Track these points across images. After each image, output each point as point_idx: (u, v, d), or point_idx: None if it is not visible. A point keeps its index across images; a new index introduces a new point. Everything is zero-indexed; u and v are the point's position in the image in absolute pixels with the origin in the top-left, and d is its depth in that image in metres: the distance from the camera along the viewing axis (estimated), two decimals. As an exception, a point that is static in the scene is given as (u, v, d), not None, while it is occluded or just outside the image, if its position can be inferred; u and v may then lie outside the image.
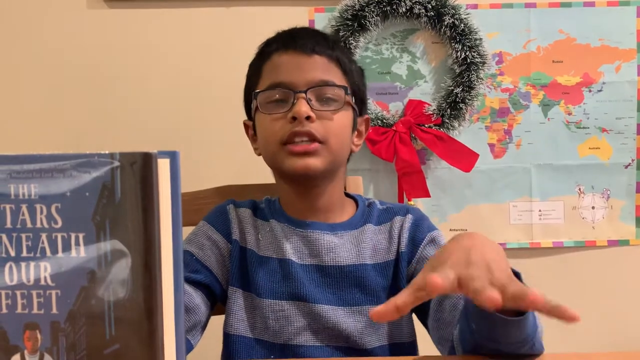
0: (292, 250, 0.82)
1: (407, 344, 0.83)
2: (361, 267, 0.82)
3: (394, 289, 0.82)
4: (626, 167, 1.54)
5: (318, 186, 0.83)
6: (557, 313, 0.51)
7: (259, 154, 0.86)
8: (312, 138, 0.78)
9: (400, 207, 0.88)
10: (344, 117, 0.82)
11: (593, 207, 1.54)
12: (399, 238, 0.84)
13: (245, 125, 0.90)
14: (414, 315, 0.85)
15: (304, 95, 0.78)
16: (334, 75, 0.82)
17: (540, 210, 1.53)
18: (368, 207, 0.88)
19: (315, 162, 0.79)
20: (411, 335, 0.84)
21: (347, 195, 0.91)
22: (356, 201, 0.89)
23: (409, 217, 0.85)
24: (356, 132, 0.88)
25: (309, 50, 0.81)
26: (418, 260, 0.82)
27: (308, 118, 0.78)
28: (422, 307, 0.80)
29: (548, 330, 0.68)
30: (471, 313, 0.61)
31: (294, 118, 0.78)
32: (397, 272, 0.83)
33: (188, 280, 0.80)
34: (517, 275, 0.59)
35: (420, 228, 0.85)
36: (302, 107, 0.77)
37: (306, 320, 0.80)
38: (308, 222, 0.83)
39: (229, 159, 1.48)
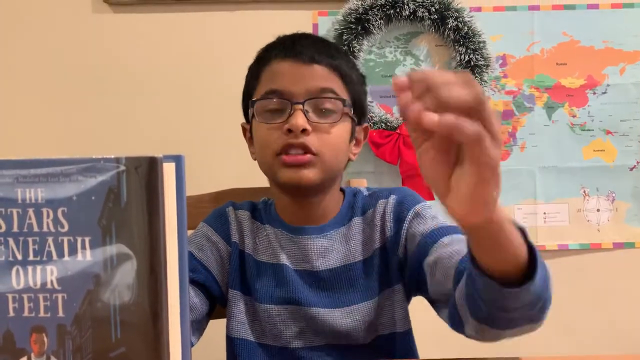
0: (286, 256, 0.82)
1: (401, 334, 0.83)
2: (352, 266, 0.82)
3: (385, 278, 0.82)
4: (631, 169, 1.53)
5: (313, 197, 0.82)
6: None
7: (254, 159, 0.86)
8: (306, 150, 0.77)
9: (384, 190, 0.87)
10: (341, 129, 0.80)
11: (598, 210, 1.53)
12: (383, 223, 0.82)
13: (243, 128, 0.89)
14: (409, 305, 0.85)
15: (301, 106, 0.76)
16: (334, 84, 0.80)
17: (545, 213, 1.53)
18: (354, 197, 0.87)
19: (308, 174, 0.77)
20: (405, 324, 0.83)
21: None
22: (344, 193, 0.88)
23: (392, 198, 0.84)
24: (354, 141, 0.86)
25: (309, 58, 0.78)
26: (406, 238, 0.80)
27: (304, 131, 0.76)
28: (421, 285, 0.78)
29: (554, 333, 0.68)
30: (480, 289, 0.57)
31: (290, 130, 0.76)
32: (386, 258, 0.82)
33: None
34: (522, 230, 0.55)
35: (404, 205, 0.83)
36: (299, 120, 0.76)
37: (303, 324, 0.81)
38: (300, 227, 0.83)
39: (232, 163, 1.48)
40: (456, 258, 0.68)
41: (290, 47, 0.80)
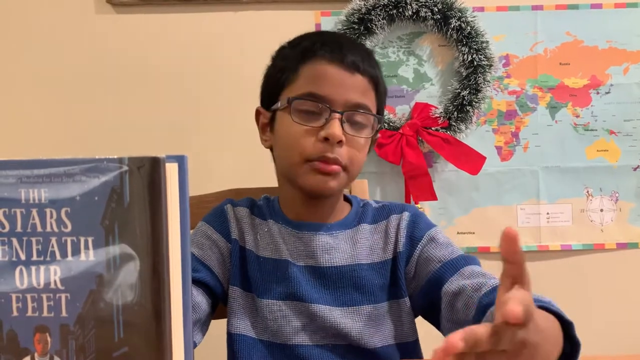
0: (288, 251, 0.83)
1: (410, 343, 0.83)
2: (357, 267, 0.82)
3: (392, 288, 0.83)
4: (635, 169, 1.53)
5: (326, 198, 0.84)
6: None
7: (268, 147, 0.86)
8: (337, 163, 0.79)
9: (396, 205, 0.88)
10: (367, 144, 0.83)
11: (601, 210, 1.53)
12: (396, 237, 0.84)
13: (258, 112, 0.88)
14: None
15: (339, 116, 0.78)
16: (370, 98, 0.82)
17: (548, 213, 1.53)
18: (362, 208, 0.88)
19: (333, 184, 0.80)
20: (413, 334, 0.84)
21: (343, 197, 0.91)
22: (350, 202, 0.90)
23: (406, 214, 0.85)
24: None
25: (353, 66, 0.79)
26: (417, 260, 0.82)
27: (339, 142, 0.77)
28: (432, 309, 0.80)
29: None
30: None
31: (326, 139, 0.77)
32: (395, 271, 0.83)
33: None
34: (569, 324, 0.56)
35: (418, 226, 0.84)
36: (336, 130, 0.77)
37: (304, 321, 0.81)
38: (304, 223, 0.84)
39: (235, 163, 1.48)
40: (479, 292, 0.71)
41: (337, 50, 0.80)
